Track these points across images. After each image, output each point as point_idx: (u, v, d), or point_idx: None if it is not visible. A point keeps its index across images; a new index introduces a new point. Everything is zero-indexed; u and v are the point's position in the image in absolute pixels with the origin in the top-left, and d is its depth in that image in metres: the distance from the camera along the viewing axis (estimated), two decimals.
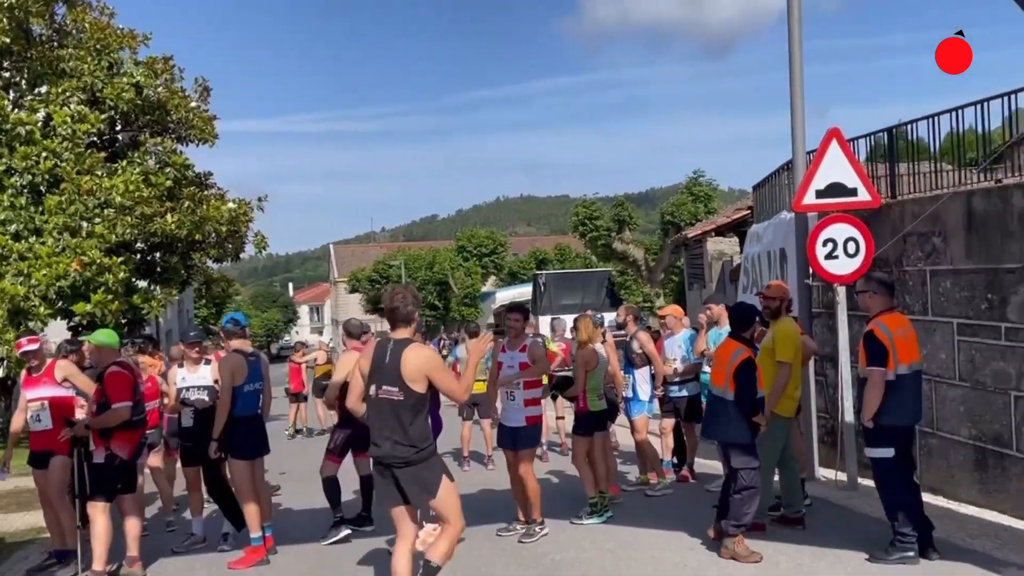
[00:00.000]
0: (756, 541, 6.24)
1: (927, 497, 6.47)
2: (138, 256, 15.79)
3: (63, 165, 13.34)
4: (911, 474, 6.01)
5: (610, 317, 12.95)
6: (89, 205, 13.23)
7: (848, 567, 5.77)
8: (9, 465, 7.15)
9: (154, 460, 8.49)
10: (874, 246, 8.00)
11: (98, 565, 6.21)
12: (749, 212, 17.14)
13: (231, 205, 16.28)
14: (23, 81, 14.54)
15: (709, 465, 9.34)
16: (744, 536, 6.14)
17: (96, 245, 12.97)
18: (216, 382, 7.40)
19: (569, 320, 14.22)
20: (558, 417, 12.16)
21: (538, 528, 6.91)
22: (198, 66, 73.61)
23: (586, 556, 6.41)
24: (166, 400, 8.07)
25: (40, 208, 13.19)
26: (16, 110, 13.53)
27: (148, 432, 7.46)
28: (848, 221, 8.01)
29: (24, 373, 7.11)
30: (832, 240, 8.00)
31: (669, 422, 9.16)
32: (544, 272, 33.27)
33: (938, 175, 8.38)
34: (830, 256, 8.00)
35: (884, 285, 6.14)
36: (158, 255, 16.33)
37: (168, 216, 14.50)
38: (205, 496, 7.58)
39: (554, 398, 11.62)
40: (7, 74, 14.50)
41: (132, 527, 6.59)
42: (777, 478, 7.05)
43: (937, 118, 7.96)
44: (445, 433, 9.46)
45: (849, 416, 8.08)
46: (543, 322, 19.87)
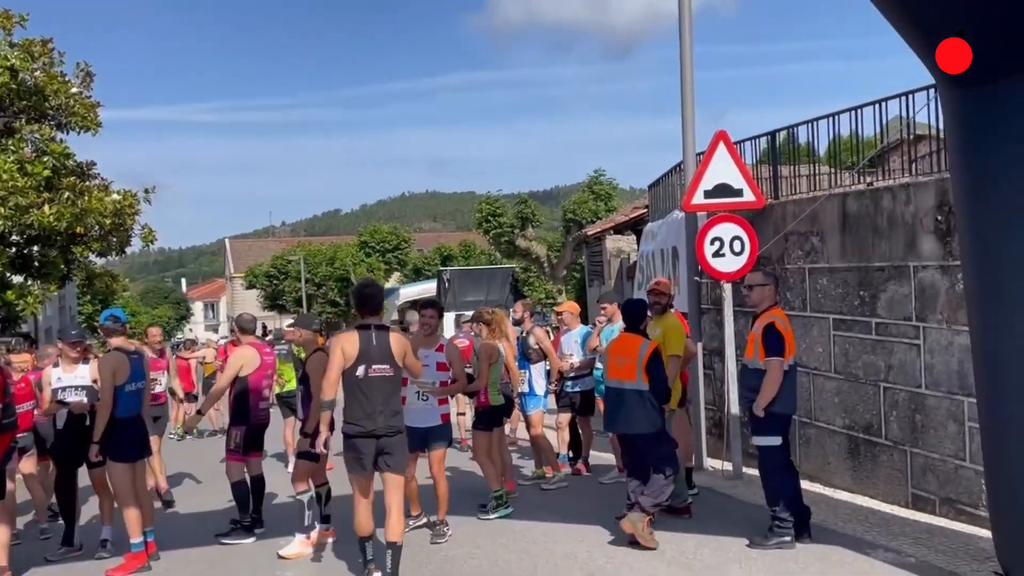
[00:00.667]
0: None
1: (804, 484, 6.80)
2: (13, 249, 14.90)
3: None
4: (791, 461, 6.31)
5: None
6: None
7: (729, 553, 6.01)
8: None
9: (27, 465, 8.03)
10: (758, 244, 8.35)
11: None
12: (646, 211, 17.58)
13: (115, 197, 15.54)
14: None
15: (603, 458, 9.54)
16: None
17: None
18: (95, 382, 7.08)
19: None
20: (459, 413, 12.16)
21: (445, 528, 6.87)
22: (81, 51, 70.00)
23: (480, 551, 6.44)
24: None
25: None
26: None
27: (20, 436, 7.05)
28: (734, 220, 8.33)
29: None
30: (719, 239, 8.29)
31: (565, 416, 9.30)
32: (448, 268, 33.21)
33: (816, 178, 8.81)
34: (717, 254, 8.30)
35: (775, 280, 6.49)
36: (35, 248, 15.44)
37: (46, 207, 13.75)
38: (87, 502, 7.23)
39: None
40: None
41: (1, 535, 6.21)
42: None
43: (816, 123, 8.37)
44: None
45: (735, 408, 8.41)
46: (448, 318, 19.85)
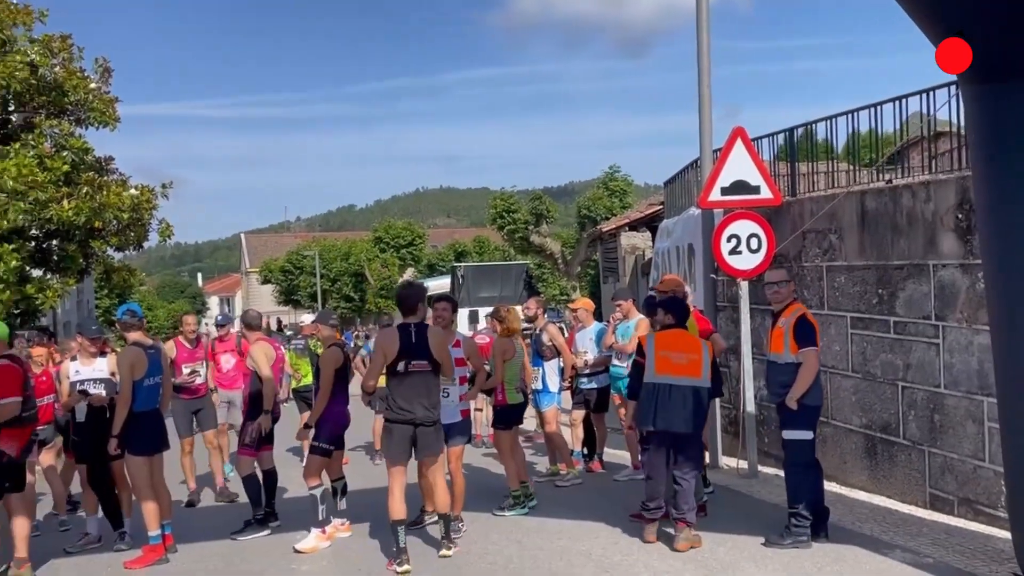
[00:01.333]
0: (660, 530, 6.40)
1: None
2: (32, 244, 15.00)
3: None
4: (817, 459, 6.21)
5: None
6: None
7: (745, 551, 5.98)
8: None
9: (46, 457, 8.12)
10: (775, 242, 8.30)
11: None
12: (661, 207, 17.52)
13: (133, 191, 15.59)
14: None
15: (618, 455, 9.53)
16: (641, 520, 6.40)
17: None
18: (113, 375, 7.14)
19: (485, 313, 14.20)
20: (476, 409, 12.17)
21: (460, 524, 6.87)
22: (103, 47, 70.60)
23: (495, 548, 6.44)
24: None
25: None
26: None
27: (40, 428, 7.13)
28: (751, 218, 8.28)
29: None
30: (736, 236, 8.25)
31: (579, 413, 9.29)
32: (463, 264, 33.24)
33: (835, 175, 8.74)
34: (734, 251, 8.25)
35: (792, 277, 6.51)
36: (54, 243, 15.54)
37: (65, 202, 13.81)
38: None
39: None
40: None
41: (20, 527, 6.28)
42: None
43: (835, 120, 8.30)
44: (358, 426, 9.35)
45: (751, 406, 8.37)
46: (462, 314, 19.88)
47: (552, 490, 8.28)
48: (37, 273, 15.16)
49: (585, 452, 9.43)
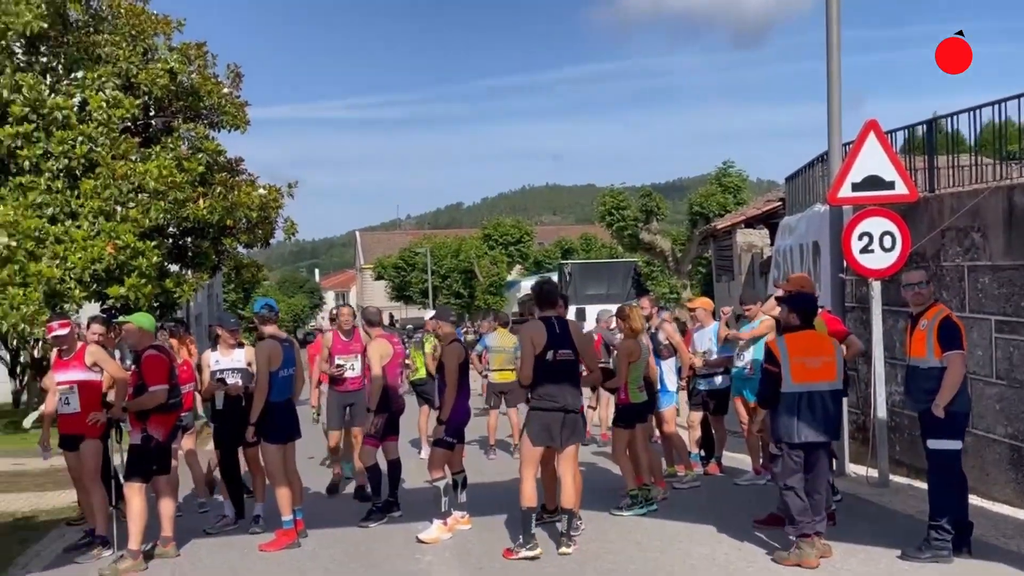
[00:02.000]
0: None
1: None
2: (170, 241, 15.97)
3: (98, 150, 13.53)
4: (963, 471, 5.88)
5: None
6: (123, 189, 13.41)
7: (880, 564, 5.73)
8: (49, 444, 7.28)
9: (187, 442, 8.61)
10: (911, 240, 7.90)
11: (133, 544, 6.32)
12: (780, 204, 16.97)
13: (261, 191, 16.39)
14: (60, 66, 14.70)
15: (737, 459, 9.30)
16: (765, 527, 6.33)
17: (130, 229, 13.16)
18: (249, 365, 7.50)
19: (592, 311, 14.12)
20: (590, 407, 12.15)
21: (579, 522, 6.86)
22: (230, 52, 74.29)
23: (613, 547, 6.41)
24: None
25: (76, 192, 13.39)
26: (53, 95, 13.69)
27: (183, 415, 7.57)
28: (885, 215, 7.91)
29: (55, 355, 7.19)
30: (868, 234, 7.90)
31: (697, 415, 9.13)
32: (570, 262, 33.22)
33: (978, 169, 8.23)
34: (865, 250, 7.91)
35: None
36: (190, 240, 16.49)
37: (200, 201, 14.65)
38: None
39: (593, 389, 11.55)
40: (44, 59, 14.67)
41: (166, 508, 6.70)
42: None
43: (979, 111, 7.82)
44: (473, 421, 9.48)
45: (882, 412, 8.00)
46: (569, 313, 19.87)
47: (671, 492, 8.15)
48: (175, 268, 16.10)
49: (702, 454, 9.25)
